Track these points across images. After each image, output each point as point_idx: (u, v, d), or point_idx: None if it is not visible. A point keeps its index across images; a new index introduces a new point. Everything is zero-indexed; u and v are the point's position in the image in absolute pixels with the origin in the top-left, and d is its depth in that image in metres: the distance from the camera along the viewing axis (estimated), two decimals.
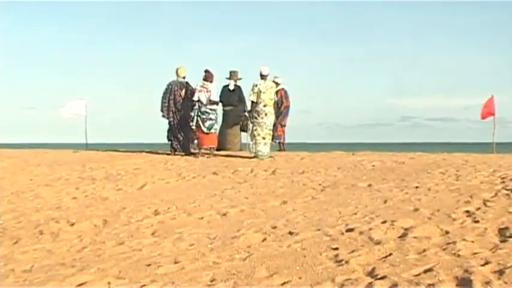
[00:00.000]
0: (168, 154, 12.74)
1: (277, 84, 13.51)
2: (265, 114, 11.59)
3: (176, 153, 12.66)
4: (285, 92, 13.85)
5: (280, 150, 13.78)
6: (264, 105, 11.57)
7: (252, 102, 11.67)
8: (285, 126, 13.94)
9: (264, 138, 11.60)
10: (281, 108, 13.63)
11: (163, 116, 12.61)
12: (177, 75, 12.68)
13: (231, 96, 13.23)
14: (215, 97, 12.11)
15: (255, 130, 11.61)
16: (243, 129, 13.17)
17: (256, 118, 11.62)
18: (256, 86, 11.64)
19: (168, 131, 12.69)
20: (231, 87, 13.30)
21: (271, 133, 11.90)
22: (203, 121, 11.98)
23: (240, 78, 13.53)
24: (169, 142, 12.76)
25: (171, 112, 12.54)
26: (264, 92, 11.58)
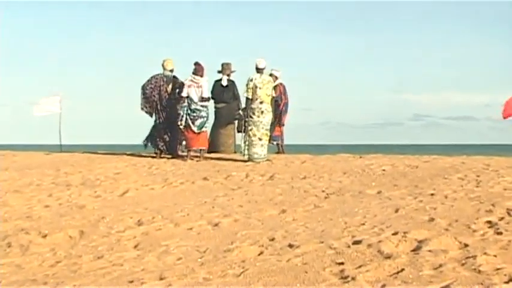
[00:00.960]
0: (152, 157, 12.76)
1: (274, 78, 13.51)
2: (262, 112, 11.60)
3: (162, 155, 12.67)
4: (284, 88, 13.90)
5: (278, 152, 13.81)
6: (261, 102, 11.60)
7: (247, 98, 11.69)
8: (283, 125, 13.98)
9: (260, 139, 11.61)
10: (280, 105, 13.67)
11: (146, 112, 12.61)
12: (164, 69, 12.68)
13: (224, 92, 13.26)
14: (207, 93, 12.13)
15: (251, 130, 11.61)
16: (239, 129, 13.19)
17: (251, 117, 11.62)
18: (251, 80, 11.66)
19: (151, 130, 12.71)
20: (224, 82, 13.32)
21: (269, 133, 11.93)
22: (193, 120, 12.01)
23: (234, 71, 13.56)
24: (145, 143, 12.73)
25: (156, 110, 12.54)
26: (260, 88, 11.61)
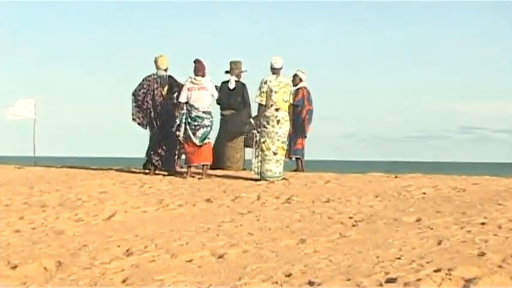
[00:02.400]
0: (145, 173, 12.78)
1: (298, 80, 13.68)
2: (278, 122, 11.63)
3: (157, 172, 12.70)
4: (308, 92, 13.96)
5: (297, 170, 13.84)
6: (276, 109, 11.62)
7: (260, 104, 11.71)
8: (306, 137, 14.02)
9: (275, 153, 11.63)
10: (303, 113, 13.72)
11: (138, 124, 12.67)
12: (157, 68, 12.73)
13: (232, 97, 13.36)
14: (216, 93, 12.25)
15: (264, 143, 11.64)
16: (247, 143, 13.27)
17: (265, 126, 11.65)
18: (265, 83, 11.68)
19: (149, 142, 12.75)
20: (232, 85, 13.40)
21: (285, 147, 11.95)
22: (194, 130, 12.06)
23: (244, 71, 13.64)
24: (146, 158, 12.82)
25: (149, 118, 12.60)
26: (275, 92, 11.62)
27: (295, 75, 13.62)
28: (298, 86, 13.68)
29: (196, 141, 12.07)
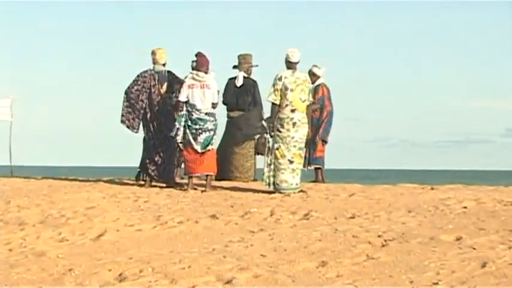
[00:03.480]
0: (140, 185, 12.77)
1: (314, 77, 13.61)
2: (294, 125, 11.58)
3: (153, 183, 12.68)
4: (328, 91, 13.99)
5: (316, 181, 13.83)
6: (292, 110, 11.58)
7: (273, 104, 11.65)
8: (326, 143, 14.04)
9: (291, 161, 11.58)
10: (323, 114, 13.75)
11: (128, 127, 12.65)
12: (154, 62, 12.69)
13: (240, 96, 13.37)
14: (216, 96, 12.19)
15: (278, 149, 11.58)
16: (258, 150, 13.28)
17: (279, 130, 11.58)
18: (279, 79, 11.62)
19: (143, 151, 12.75)
20: (239, 82, 13.39)
21: (303, 154, 11.93)
22: (195, 134, 12.03)
23: (255, 66, 13.64)
24: (140, 168, 12.83)
25: (144, 120, 12.57)
26: (292, 90, 11.58)
27: (309, 72, 13.42)
28: (316, 83, 13.68)
29: (198, 148, 12.01)
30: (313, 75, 13.57)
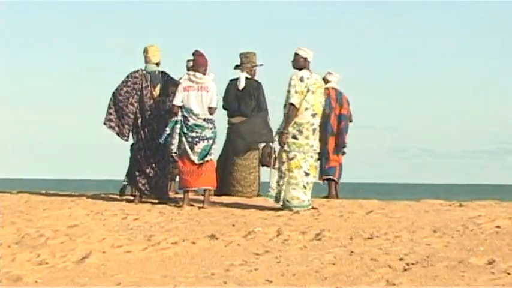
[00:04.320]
0: (128, 201, 12.79)
1: (326, 83, 13.80)
2: (314, 131, 11.63)
3: (144, 199, 12.71)
4: (338, 93, 14.20)
5: (329, 196, 13.94)
6: (313, 115, 11.59)
7: (292, 107, 11.47)
8: (344, 153, 14.24)
9: (307, 173, 11.58)
10: (331, 117, 13.94)
11: (118, 134, 12.65)
12: (147, 61, 12.73)
13: (243, 100, 13.44)
14: (214, 101, 12.20)
15: (292, 159, 11.53)
16: (263, 161, 13.32)
17: (295, 137, 11.55)
18: (301, 79, 11.54)
19: (130, 161, 12.77)
20: (241, 84, 13.45)
21: (317, 165, 12.04)
22: (191, 143, 12.07)
23: (259, 65, 13.71)
24: (125, 181, 12.85)
25: (135, 127, 12.60)
26: (313, 92, 11.60)
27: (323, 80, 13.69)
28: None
29: (195, 159, 12.04)
30: (325, 82, 13.71)
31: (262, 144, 13.42)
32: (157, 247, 9.17)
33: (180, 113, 12.07)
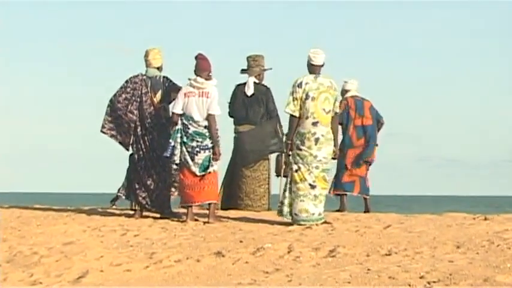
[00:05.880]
0: (129, 216, 12.74)
1: (346, 92, 14.17)
2: (317, 141, 11.57)
3: (144, 213, 12.66)
4: (357, 102, 14.27)
5: (340, 210, 14.10)
6: (314, 123, 11.57)
7: (292, 116, 11.55)
8: (369, 163, 14.35)
9: (313, 186, 11.57)
10: (349, 129, 14.05)
11: (120, 143, 12.60)
12: (147, 65, 12.70)
13: (251, 106, 13.42)
14: (213, 107, 12.04)
15: (297, 171, 11.60)
16: (279, 171, 13.26)
17: (298, 148, 11.61)
18: (299, 85, 11.59)
19: (128, 170, 12.74)
20: (250, 89, 13.41)
21: (327, 177, 11.92)
22: (192, 153, 12.03)
23: (268, 70, 13.72)
24: (120, 194, 12.75)
25: (135, 136, 12.54)
26: (314, 98, 11.56)
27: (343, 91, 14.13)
28: (346, 95, 14.23)
29: (196, 170, 12.03)
30: (344, 92, 14.20)
31: (276, 154, 13.46)
32: (160, 265, 9.19)
33: (180, 121, 12.08)
